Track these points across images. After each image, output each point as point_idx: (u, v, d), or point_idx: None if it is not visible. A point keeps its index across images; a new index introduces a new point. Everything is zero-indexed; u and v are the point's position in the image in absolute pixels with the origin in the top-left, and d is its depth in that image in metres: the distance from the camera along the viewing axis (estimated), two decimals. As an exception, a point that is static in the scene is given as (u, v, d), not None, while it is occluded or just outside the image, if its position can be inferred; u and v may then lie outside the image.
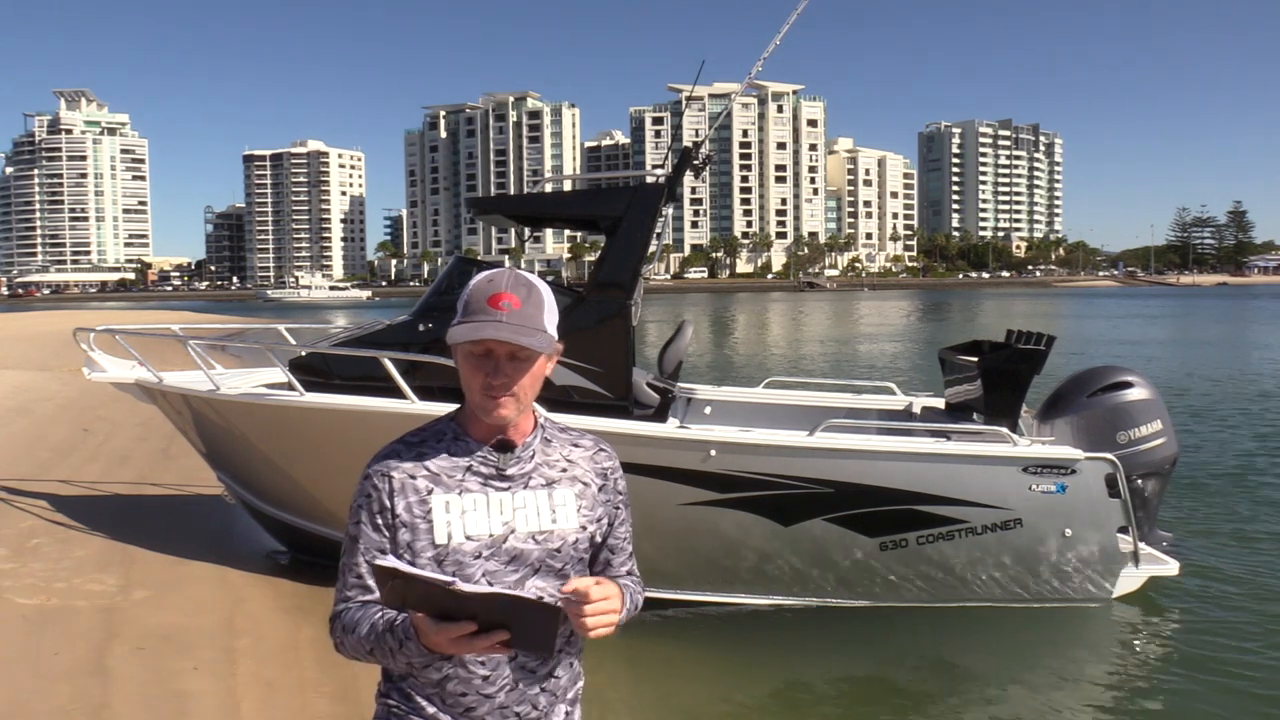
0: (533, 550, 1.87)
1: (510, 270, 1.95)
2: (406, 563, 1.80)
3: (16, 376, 18.73)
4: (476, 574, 1.84)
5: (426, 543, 1.84)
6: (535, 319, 1.83)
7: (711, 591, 7.08)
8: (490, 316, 1.80)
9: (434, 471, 1.88)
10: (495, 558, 1.85)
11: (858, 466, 6.68)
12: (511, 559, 1.86)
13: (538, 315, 1.84)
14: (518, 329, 1.80)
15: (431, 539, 1.84)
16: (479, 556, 1.85)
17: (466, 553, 1.84)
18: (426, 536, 1.84)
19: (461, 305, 1.85)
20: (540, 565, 1.88)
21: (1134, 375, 7.56)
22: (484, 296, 1.83)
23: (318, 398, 7.00)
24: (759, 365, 28.77)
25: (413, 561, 1.83)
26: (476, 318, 1.81)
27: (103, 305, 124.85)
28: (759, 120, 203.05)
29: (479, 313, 1.82)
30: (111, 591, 6.72)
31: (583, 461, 1.98)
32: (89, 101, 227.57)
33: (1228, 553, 8.57)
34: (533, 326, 1.82)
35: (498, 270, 1.94)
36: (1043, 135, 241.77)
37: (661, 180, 7.34)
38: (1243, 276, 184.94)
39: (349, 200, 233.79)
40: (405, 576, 1.67)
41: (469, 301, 1.84)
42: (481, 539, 1.85)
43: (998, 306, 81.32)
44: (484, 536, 1.86)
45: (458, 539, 1.85)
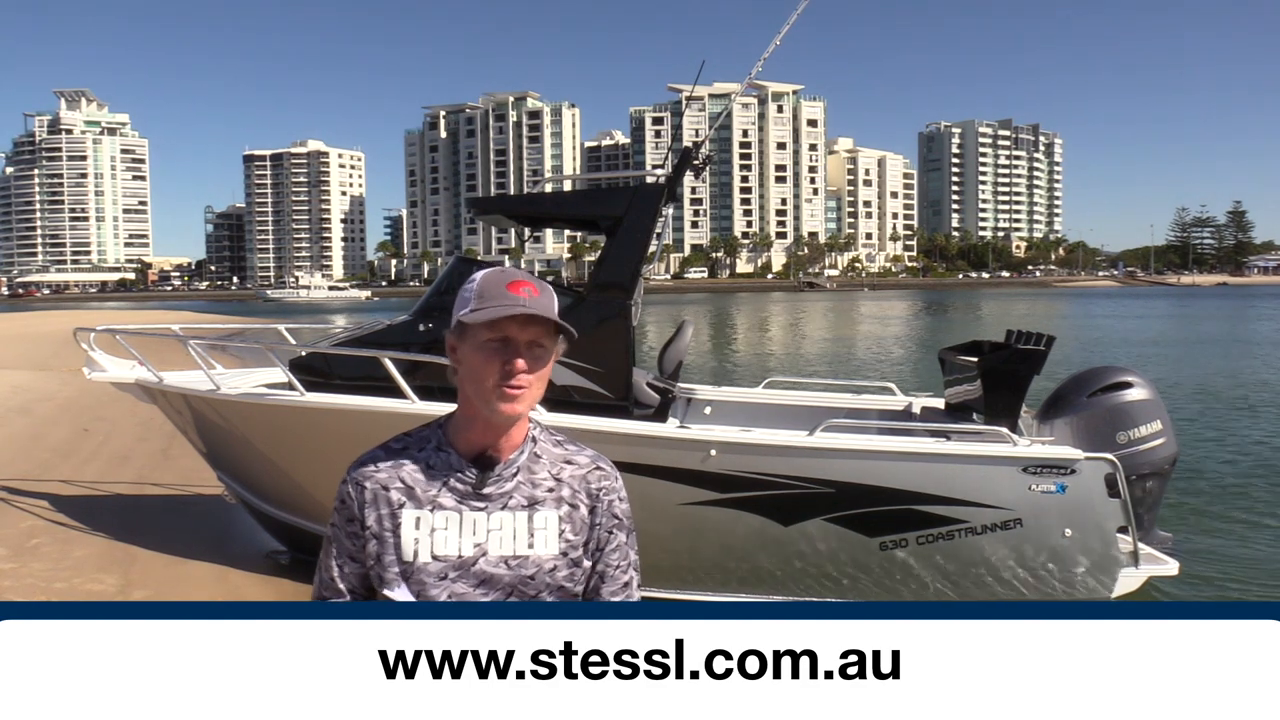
0: (504, 575, 1.78)
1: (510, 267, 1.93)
2: (377, 576, 1.80)
3: (16, 376, 18.74)
4: (441, 596, 1.77)
5: (393, 558, 1.78)
6: (552, 309, 1.79)
7: (711, 591, 7.08)
8: (513, 301, 1.75)
9: (409, 485, 1.80)
10: (463, 580, 1.77)
11: (858, 466, 6.68)
12: (481, 582, 1.77)
13: (552, 306, 1.79)
14: (542, 307, 1.76)
15: (398, 555, 1.78)
16: (444, 578, 1.77)
17: (431, 573, 1.76)
18: (394, 551, 1.78)
19: (474, 295, 1.78)
20: (512, 591, 1.78)
21: (1134, 375, 7.56)
22: (501, 283, 1.77)
23: (318, 398, 7.00)
24: (759, 365, 28.78)
25: (381, 575, 1.80)
26: (498, 302, 1.75)
27: (103, 305, 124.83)
28: (759, 120, 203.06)
29: (499, 298, 1.75)
30: (111, 591, 6.72)
31: (573, 482, 1.85)
32: (89, 101, 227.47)
33: (1228, 553, 8.57)
34: (553, 313, 1.78)
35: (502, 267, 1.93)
36: (1043, 135, 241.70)
37: (661, 180, 7.34)
38: (1242, 276, 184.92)
39: (349, 200, 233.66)
40: None
41: (483, 291, 1.77)
42: (449, 559, 1.77)
43: (998, 306, 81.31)
44: (451, 557, 1.77)
45: (424, 558, 1.77)
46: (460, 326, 1.79)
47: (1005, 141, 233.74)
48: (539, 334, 1.77)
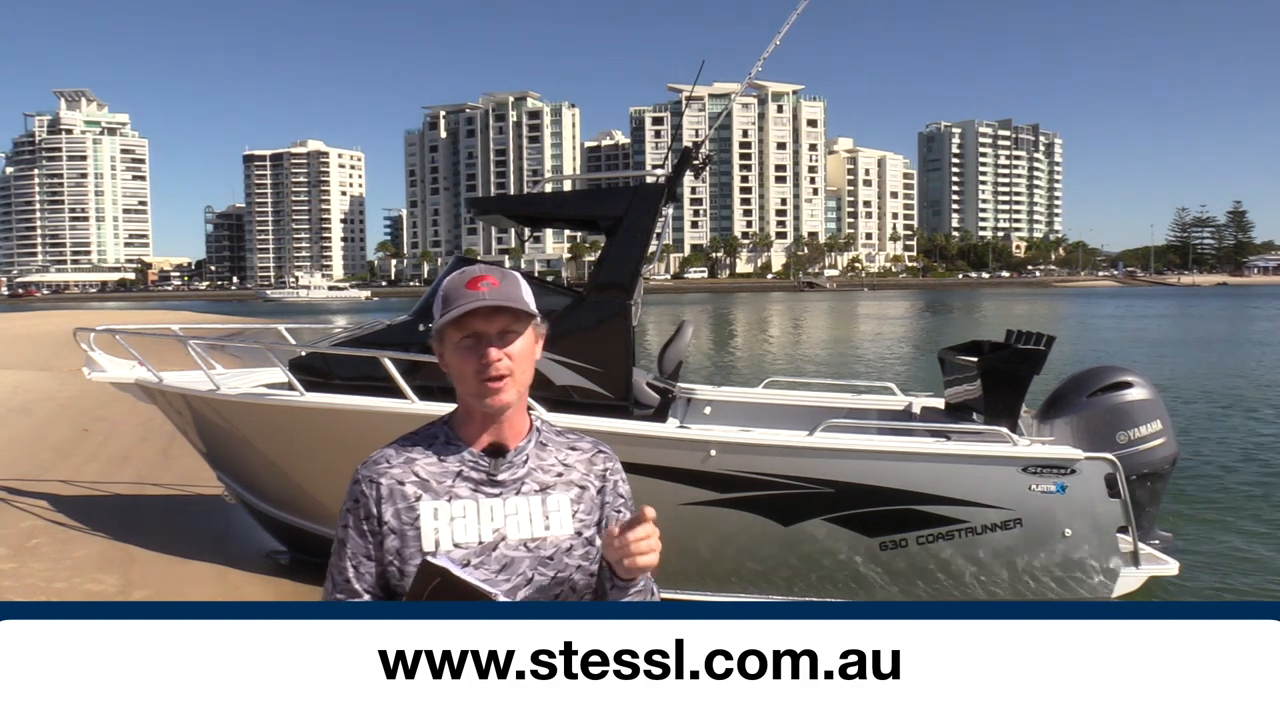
0: (524, 558, 1.83)
1: (480, 264, 1.95)
2: (396, 570, 1.81)
3: (16, 376, 18.74)
4: None
5: (415, 550, 1.81)
6: (516, 295, 1.83)
7: (711, 591, 7.07)
8: (472, 297, 1.81)
9: (423, 478, 1.85)
10: (485, 566, 1.81)
11: (858, 466, 6.68)
12: (502, 567, 1.82)
13: (516, 292, 1.84)
14: (503, 297, 1.81)
15: (420, 546, 1.81)
16: (467, 564, 1.80)
17: (454, 560, 1.80)
18: (415, 544, 1.81)
19: (440, 301, 1.85)
20: (533, 574, 1.84)
21: (1134, 375, 7.56)
22: (460, 284, 1.84)
23: (318, 398, 7.01)
24: (759, 365, 28.78)
25: (401, 569, 1.82)
26: (460, 302, 1.81)
27: (103, 305, 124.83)
28: (759, 120, 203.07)
29: (461, 298, 1.82)
30: (111, 591, 6.72)
31: (580, 465, 1.93)
32: (89, 101, 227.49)
33: (1228, 553, 8.57)
34: (516, 299, 1.83)
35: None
36: (1043, 135, 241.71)
37: (661, 180, 7.35)
38: (1242, 276, 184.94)
39: (349, 200, 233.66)
40: (452, 579, 1.68)
41: (447, 295, 1.84)
42: (470, 546, 1.82)
43: (998, 306, 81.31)
44: (472, 544, 1.82)
45: (445, 546, 1.81)
46: (439, 334, 1.87)
47: (1005, 141, 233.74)
48: (506, 322, 1.83)
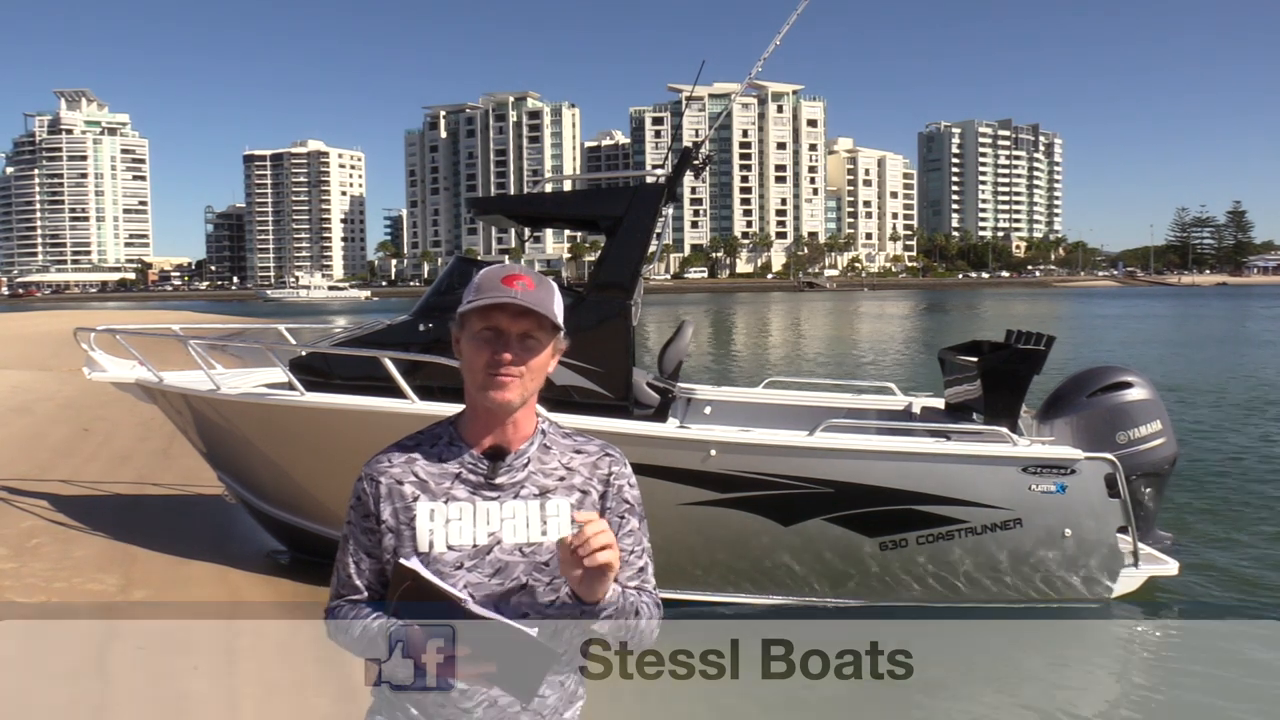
0: (519, 563, 1.82)
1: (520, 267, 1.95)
2: (392, 568, 1.82)
3: (16, 376, 18.74)
4: (459, 585, 1.79)
5: (410, 550, 1.82)
6: (548, 303, 1.83)
7: (711, 591, 7.08)
8: (505, 293, 1.80)
9: (422, 478, 1.86)
10: (479, 569, 1.81)
11: (858, 466, 6.68)
12: (496, 571, 1.81)
13: (549, 300, 1.84)
14: (534, 301, 1.81)
15: (414, 546, 1.81)
16: (460, 567, 1.80)
17: (448, 562, 1.80)
18: (410, 544, 1.82)
19: (473, 288, 1.84)
20: (528, 579, 1.82)
21: (1133, 375, 7.56)
22: (497, 278, 1.83)
23: (318, 398, 7.01)
24: (759, 365, 28.79)
25: None
26: (492, 294, 1.81)
27: (103, 305, 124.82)
28: (759, 120, 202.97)
29: (493, 290, 1.81)
30: (111, 591, 6.72)
31: (583, 469, 1.90)
32: (89, 101, 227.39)
33: (1227, 552, 8.57)
34: (546, 307, 1.82)
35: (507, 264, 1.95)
36: (1043, 135, 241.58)
37: (661, 180, 7.35)
38: (1242, 276, 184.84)
39: (349, 200, 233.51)
40: (422, 583, 1.69)
41: (481, 284, 1.84)
42: (464, 549, 1.81)
43: (997, 306, 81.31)
44: (466, 546, 1.82)
45: (439, 548, 1.81)
46: (461, 319, 1.86)
47: (1005, 141, 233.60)
48: (531, 326, 1.82)
